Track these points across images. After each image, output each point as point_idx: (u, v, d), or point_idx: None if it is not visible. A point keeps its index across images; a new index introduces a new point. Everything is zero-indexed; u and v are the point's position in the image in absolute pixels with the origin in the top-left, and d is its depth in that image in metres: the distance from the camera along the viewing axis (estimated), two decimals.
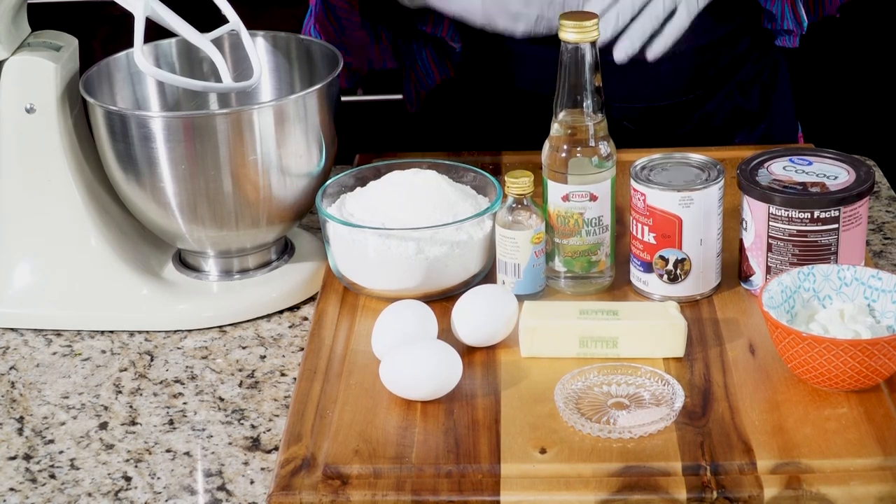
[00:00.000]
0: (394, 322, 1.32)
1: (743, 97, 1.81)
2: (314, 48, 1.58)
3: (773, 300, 1.30)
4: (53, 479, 1.25)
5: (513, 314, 1.34)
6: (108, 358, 1.43)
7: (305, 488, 1.17)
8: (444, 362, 1.26)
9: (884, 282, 1.31)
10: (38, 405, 1.36)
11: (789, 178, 1.39)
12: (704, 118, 1.79)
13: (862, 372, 1.23)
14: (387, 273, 1.41)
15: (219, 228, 1.46)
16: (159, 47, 1.58)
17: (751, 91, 1.82)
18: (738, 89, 1.80)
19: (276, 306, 1.49)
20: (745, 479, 1.16)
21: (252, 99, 1.60)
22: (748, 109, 1.82)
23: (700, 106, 1.79)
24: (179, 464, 1.26)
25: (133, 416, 1.33)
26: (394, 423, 1.25)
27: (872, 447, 1.19)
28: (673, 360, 1.31)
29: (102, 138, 1.45)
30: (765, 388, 1.27)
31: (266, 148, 1.43)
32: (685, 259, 1.39)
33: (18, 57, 1.45)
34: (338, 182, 1.50)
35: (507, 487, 1.16)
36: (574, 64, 1.36)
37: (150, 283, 1.49)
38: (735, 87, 1.80)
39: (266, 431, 1.30)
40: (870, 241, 1.58)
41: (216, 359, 1.42)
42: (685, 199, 1.36)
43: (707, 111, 1.79)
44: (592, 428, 1.21)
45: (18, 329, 1.48)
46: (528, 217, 1.39)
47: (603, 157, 1.39)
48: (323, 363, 1.33)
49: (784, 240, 1.37)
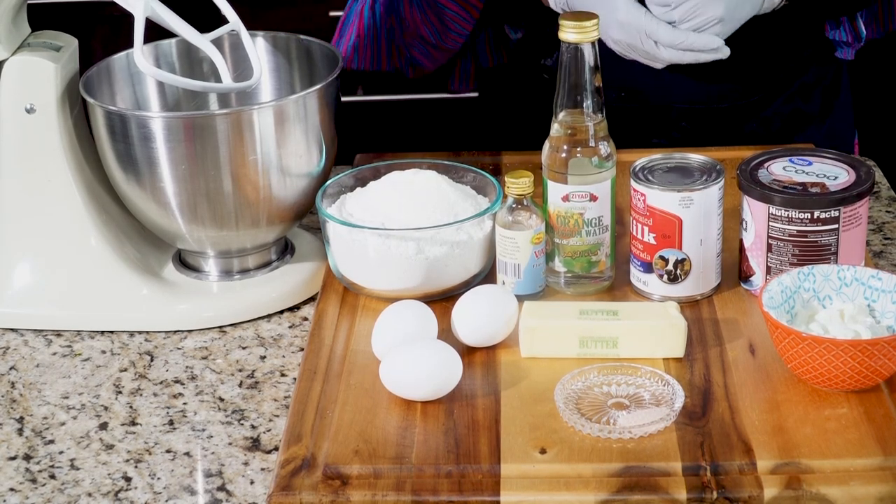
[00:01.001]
0: (394, 322, 1.32)
1: (804, 101, 1.81)
2: (314, 48, 1.58)
3: (773, 300, 1.30)
4: (53, 479, 1.25)
5: (513, 314, 1.34)
6: (108, 358, 1.43)
7: (305, 488, 1.17)
8: (444, 362, 1.26)
9: (884, 282, 1.31)
10: (38, 405, 1.36)
11: (789, 178, 1.39)
12: (765, 122, 1.79)
13: (862, 372, 1.23)
14: (387, 273, 1.41)
15: (219, 228, 1.46)
16: (159, 47, 1.58)
17: (813, 94, 1.82)
18: (800, 93, 1.80)
19: (276, 306, 1.49)
20: (745, 480, 1.16)
21: (252, 99, 1.60)
22: (808, 112, 1.82)
23: (761, 109, 1.78)
24: (179, 464, 1.26)
25: (133, 416, 1.33)
26: (394, 423, 1.24)
27: (872, 447, 1.19)
28: (673, 361, 1.31)
29: (102, 138, 1.45)
30: (765, 388, 1.27)
31: (266, 148, 1.43)
32: (685, 259, 1.39)
33: (18, 57, 1.45)
34: (338, 182, 1.50)
35: (507, 487, 1.16)
36: (574, 64, 1.36)
37: (150, 283, 1.49)
38: (797, 90, 1.80)
39: (266, 431, 1.30)
40: (870, 241, 1.58)
41: (216, 359, 1.42)
42: (685, 200, 1.36)
43: (767, 115, 1.79)
44: (592, 428, 1.21)
45: (18, 329, 1.48)
46: (528, 217, 1.39)
47: (603, 158, 1.39)
48: (323, 363, 1.33)
49: (784, 240, 1.37)
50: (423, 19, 1.74)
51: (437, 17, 1.74)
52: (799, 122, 1.81)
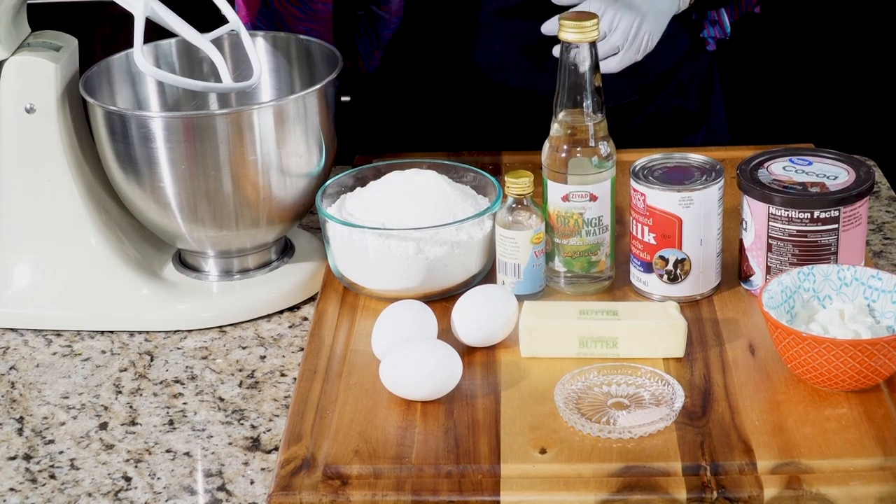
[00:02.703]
0: (394, 322, 1.32)
1: (683, 98, 1.82)
2: (314, 48, 1.58)
3: (773, 300, 1.30)
4: (53, 479, 1.25)
5: (513, 314, 1.34)
6: (108, 358, 1.43)
7: (305, 488, 1.17)
8: (444, 362, 1.26)
9: (884, 282, 1.31)
10: (38, 405, 1.36)
11: (789, 178, 1.39)
12: (648, 120, 1.80)
13: (862, 372, 1.23)
14: (387, 273, 1.41)
15: (219, 228, 1.46)
16: (159, 47, 1.58)
17: (689, 91, 1.83)
18: (678, 90, 1.81)
19: (276, 306, 1.49)
20: (745, 479, 1.16)
21: (252, 99, 1.60)
22: (689, 111, 1.83)
23: (643, 108, 1.79)
24: (179, 464, 1.26)
25: (133, 416, 1.33)
26: (394, 423, 1.25)
27: (872, 447, 1.19)
28: (673, 360, 1.31)
29: (102, 138, 1.45)
30: (765, 388, 1.27)
31: (266, 148, 1.43)
32: (685, 259, 1.39)
33: (18, 57, 1.45)
34: (338, 182, 1.50)
35: (507, 487, 1.16)
36: (574, 64, 1.36)
37: (150, 283, 1.49)
38: (675, 87, 1.81)
39: (266, 431, 1.30)
40: (870, 241, 1.58)
41: (216, 359, 1.42)
42: (685, 199, 1.36)
43: (650, 112, 1.80)
44: (592, 428, 1.21)
45: (18, 329, 1.48)
46: (528, 217, 1.39)
47: (603, 157, 1.39)
48: (323, 363, 1.33)
49: (784, 240, 1.37)
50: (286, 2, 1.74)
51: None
52: (682, 121, 1.83)
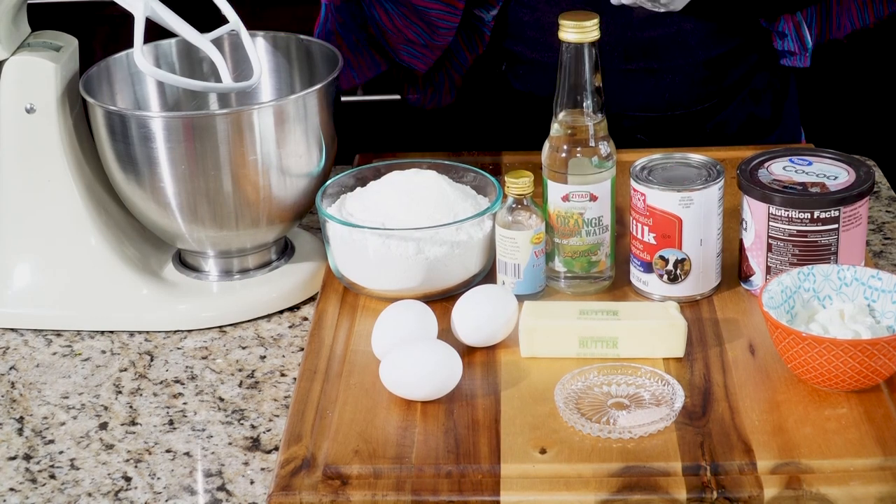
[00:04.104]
0: (394, 322, 1.32)
1: (756, 105, 1.81)
2: (314, 48, 1.58)
3: (773, 300, 1.30)
4: (53, 479, 1.25)
5: (513, 314, 1.34)
6: (108, 358, 1.43)
7: (305, 488, 1.17)
8: (444, 362, 1.26)
9: (884, 282, 1.31)
10: (38, 405, 1.36)
11: (789, 178, 1.39)
12: (718, 127, 1.79)
13: (862, 372, 1.23)
14: (387, 273, 1.41)
15: (219, 228, 1.46)
16: (159, 47, 1.58)
17: (763, 98, 1.82)
18: (751, 97, 1.80)
19: (276, 306, 1.49)
20: (745, 479, 1.16)
21: (252, 99, 1.60)
22: (761, 117, 1.82)
23: (713, 115, 1.78)
24: (179, 464, 1.26)
25: (133, 416, 1.33)
26: (394, 423, 1.25)
27: (872, 447, 1.19)
28: (673, 361, 1.31)
29: (102, 138, 1.45)
30: (765, 388, 1.27)
31: (266, 148, 1.43)
32: (685, 259, 1.39)
33: (18, 57, 1.45)
34: (338, 182, 1.50)
35: (507, 488, 1.16)
36: (574, 64, 1.36)
37: (150, 283, 1.49)
38: (748, 95, 1.80)
39: (266, 431, 1.30)
40: (870, 241, 1.58)
41: (216, 359, 1.42)
42: (685, 199, 1.36)
43: (720, 120, 1.79)
44: (592, 428, 1.21)
45: (18, 329, 1.48)
46: (528, 217, 1.39)
47: (603, 157, 1.39)
48: (323, 363, 1.33)
49: (784, 240, 1.37)
50: (405, 24, 1.73)
51: (421, 19, 1.72)
52: (753, 127, 1.82)
